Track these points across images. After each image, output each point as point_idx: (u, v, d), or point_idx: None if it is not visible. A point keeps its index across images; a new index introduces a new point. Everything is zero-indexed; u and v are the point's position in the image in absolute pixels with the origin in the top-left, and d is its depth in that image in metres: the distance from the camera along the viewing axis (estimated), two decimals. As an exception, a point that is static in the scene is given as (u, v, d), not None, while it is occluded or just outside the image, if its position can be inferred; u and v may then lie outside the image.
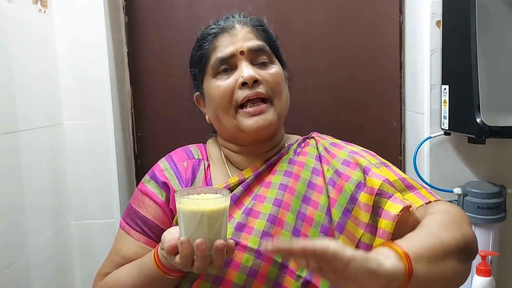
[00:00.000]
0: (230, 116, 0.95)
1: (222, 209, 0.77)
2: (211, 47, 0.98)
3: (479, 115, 1.20)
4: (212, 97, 0.97)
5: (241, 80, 0.93)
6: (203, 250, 0.74)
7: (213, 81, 0.97)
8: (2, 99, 1.11)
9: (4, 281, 1.07)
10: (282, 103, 0.98)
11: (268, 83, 0.95)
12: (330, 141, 1.03)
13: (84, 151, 1.43)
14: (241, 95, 0.93)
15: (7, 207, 1.11)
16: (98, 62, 1.41)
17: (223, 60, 0.95)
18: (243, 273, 0.86)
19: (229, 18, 1.01)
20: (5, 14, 1.12)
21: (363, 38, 1.60)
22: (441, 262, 0.74)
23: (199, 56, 1.00)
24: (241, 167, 1.01)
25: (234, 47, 0.95)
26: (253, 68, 0.95)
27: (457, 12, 1.29)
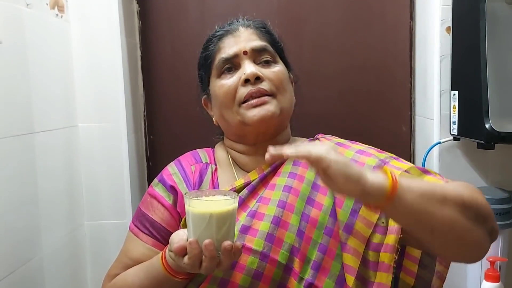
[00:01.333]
0: (233, 112, 0.97)
1: (230, 211, 0.78)
2: (215, 48, 1.01)
3: (488, 121, 1.20)
4: (216, 96, 1.00)
5: (243, 77, 0.95)
6: (211, 251, 0.75)
7: (217, 81, 0.99)
8: (19, 101, 1.14)
9: (19, 278, 1.10)
10: (286, 99, 0.99)
11: (271, 81, 0.97)
12: (335, 141, 1.03)
13: (98, 153, 1.46)
14: (244, 91, 0.95)
15: (22, 206, 1.14)
16: (113, 66, 1.44)
17: (227, 60, 0.98)
18: (248, 275, 0.87)
19: (233, 22, 1.04)
20: (23, 19, 1.16)
21: (373, 44, 1.61)
22: (438, 205, 0.74)
23: (205, 57, 1.04)
24: (247, 168, 1.02)
25: (238, 47, 0.98)
26: (256, 66, 0.97)
27: (466, 18, 1.29)
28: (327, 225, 0.90)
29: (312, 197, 0.93)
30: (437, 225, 0.75)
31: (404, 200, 0.71)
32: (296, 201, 0.92)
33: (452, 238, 0.77)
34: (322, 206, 0.92)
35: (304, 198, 0.93)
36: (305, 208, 0.92)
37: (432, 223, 0.75)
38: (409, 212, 0.74)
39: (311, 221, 0.90)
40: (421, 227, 0.76)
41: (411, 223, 0.77)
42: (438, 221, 0.75)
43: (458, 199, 0.77)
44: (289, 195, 0.93)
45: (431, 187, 0.79)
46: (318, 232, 0.90)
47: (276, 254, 0.88)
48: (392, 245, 0.85)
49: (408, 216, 0.75)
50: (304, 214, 0.91)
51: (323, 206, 0.92)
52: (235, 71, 0.98)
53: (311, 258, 0.88)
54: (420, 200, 0.73)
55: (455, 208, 0.75)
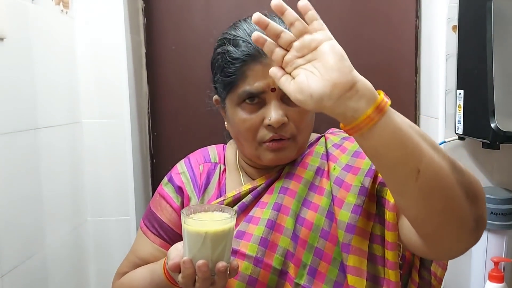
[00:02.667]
0: (252, 147, 0.91)
1: (226, 231, 0.75)
2: (239, 73, 0.87)
3: (493, 120, 1.19)
4: (235, 125, 0.92)
5: (267, 123, 0.87)
6: (205, 272, 0.74)
7: (238, 110, 0.90)
8: (23, 97, 1.14)
9: (22, 273, 1.10)
10: (305, 136, 0.93)
11: (295, 122, 0.89)
12: (342, 136, 0.97)
13: (102, 149, 1.46)
14: (266, 134, 0.88)
15: (26, 201, 1.14)
16: (117, 63, 1.44)
17: (252, 94, 0.87)
18: (243, 281, 0.85)
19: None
20: (28, 15, 1.16)
21: (379, 43, 1.60)
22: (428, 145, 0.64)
23: (225, 80, 0.90)
24: (254, 176, 0.99)
25: (265, 82, 0.85)
26: (282, 107, 0.87)
27: (473, 17, 1.29)
28: (323, 227, 0.86)
29: (309, 198, 0.89)
30: (424, 167, 0.63)
31: (393, 120, 0.63)
32: (292, 202, 0.89)
33: (436, 195, 0.65)
34: (318, 207, 0.88)
35: (300, 200, 0.89)
36: (300, 210, 0.88)
37: (420, 161, 0.63)
38: (396, 138, 0.63)
39: (306, 223, 0.87)
40: (407, 164, 0.64)
41: (396, 155, 0.64)
42: (426, 160, 0.63)
43: (450, 157, 0.67)
44: (285, 196, 0.90)
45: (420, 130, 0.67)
46: (314, 235, 0.86)
47: (270, 259, 0.86)
48: (392, 242, 0.81)
49: (394, 142, 0.63)
50: (299, 217, 0.88)
51: (319, 207, 0.88)
52: (258, 104, 0.88)
53: (307, 263, 0.85)
54: (410, 129, 0.64)
55: (445, 160, 0.66)
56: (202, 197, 0.97)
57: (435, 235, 0.70)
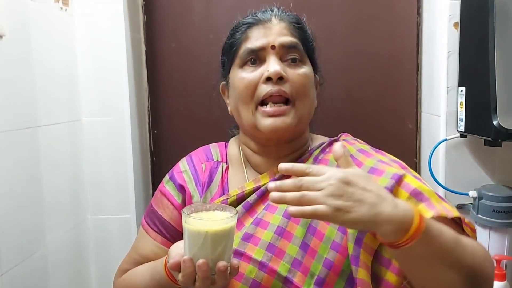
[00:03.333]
0: (249, 111, 0.92)
1: (227, 230, 0.75)
2: (243, 37, 0.94)
3: (495, 118, 1.18)
4: (235, 88, 0.94)
5: (266, 75, 0.89)
6: (205, 271, 0.73)
7: (239, 71, 0.93)
8: (23, 95, 1.13)
9: (23, 271, 1.10)
10: (305, 106, 0.92)
11: (294, 83, 0.90)
12: (358, 147, 0.97)
13: (102, 147, 1.45)
14: (263, 90, 0.89)
15: (26, 200, 1.14)
16: (117, 60, 1.44)
17: (253, 51, 0.92)
18: (245, 284, 0.84)
19: (267, 11, 0.96)
20: (27, 12, 1.15)
21: (380, 40, 1.60)
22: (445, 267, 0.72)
23: (230, 44, 0.97)
24: (259, 169, 0.98)
25: (266, 40, 0.91)
26: (281, 64, 0.90)
27: (475, 14, 1.28)
28: (334, 239, 0.85)
29: None
30: (429, 286, 0.74)
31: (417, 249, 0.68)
32: None
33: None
34: None
35: None
36: (312, 220, 0.87)
37: (426, 283, 0.75)
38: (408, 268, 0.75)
39: (318, 234, 0.86)
40: (415, 280, 0.77)
41: (408, 272, 0.77)
42: (434, 282, 0.73)
43: (470, 263, 0.73)
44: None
45: (450, 243, 0.73)
46: (325, 246, 0.85)
47: (276, 264, 0.85)
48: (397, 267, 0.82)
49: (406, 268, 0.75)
50: (310, 226, 0.87)
51: None
52: (259, 65, 0.92)
53: (315, 272, 0.84)
54: (426, 262, 0.71)
55: (461, 273, 0.73)
56: (204, 195, 0.96)
57: None
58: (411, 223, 0.67)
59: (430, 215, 0.77)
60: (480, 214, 1.33)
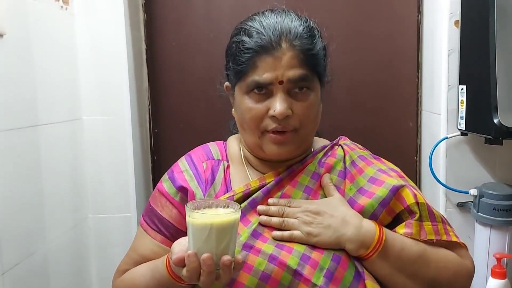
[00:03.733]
0: (255, 135, 0.93)
1: (231, 223, 0.76)
2: (250, 63, 0.89)
3: (496, 116, 1.18)
4: (241, 113, 0.94)
5: (272, 114, 0.89)
6: (209, 266, 0.74)
7: (245, 98, 0.92)
8: (23, 94, 1.13)
9: (23, 271, 1.10)
10: (309, 130, 0.95)
11: (299, 115, 0.90)
12: (359, 153, 1.00)
13: (102, 146, 1.45)
14: (269, 124, 0.90)
15: (27, 199, 1.14)
16: (117, 59, 1.43)
17: (259, 84, 0.89)
18: (255, 276, 0.85)
19: (276, 30, 0.89)
20: (27, 11, 1.15)
21: (380, 38, 1.59)
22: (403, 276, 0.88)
23: (236, 68, 0.92)
24: (261, 169, 0.99)
25: (274, 74, 0.88)
26: (288, 100, 0.89)
27: (476, 12, 1.28)
28: None
29: None
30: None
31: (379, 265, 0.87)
32: None
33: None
34: None
35: None
36: None
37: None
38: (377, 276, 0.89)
39: None
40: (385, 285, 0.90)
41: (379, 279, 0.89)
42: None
43: (433, 276, 0.88)
44: None
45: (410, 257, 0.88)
46: None
47: (285, 258, 0.86)
48: None
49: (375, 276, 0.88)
50: None
51: None
52: (265, 94, 0.90)
53: (324, 266, 0.86)
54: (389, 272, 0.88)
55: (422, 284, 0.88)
56: (208, 193, 0.96)
57: None
58: (371, 241, 0.86)
59: (401, 232, 0.90)
60: (480, 212, 1.34)
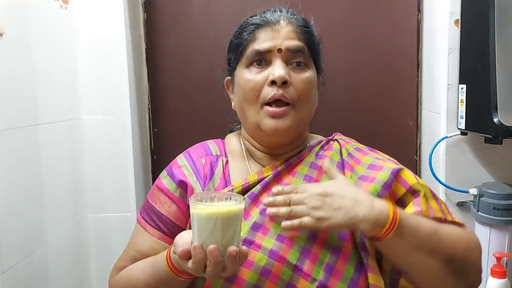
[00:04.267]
0: (254, 110, 0.94)
1: (236, 215, 0.76)
2: (250, 37, 0.96)
3: (496, 115, 1.18)
4: (241, 88, 0.96)
5: (271, 78, 0.92)
6: (216, 256, 0.74)
7: (245, 72, 0.96)
8: (23, 93, 1.13)
9: (23, 270, 1.10)
10: (306, 109, 0.96)
11: (296, 88, 0.93)
12: (354, 146, 1.02)
13: (102, 145, 1.45)
14: (269, 93, 0.92)
15: (27, 198, 1.14)
16: (117, 58, 1.43)
17: (259, 53, 0.94)
18: (256, 271, 0.85)
19: (276, 12, 0.98)
20: (27, 10, 1.15)
21: (380, 37, 1.59)
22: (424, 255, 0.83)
23: (237, 43, 0.99)
24: (262, 163, 1.01)
25: (273, 43, 0.93)
26: (286, 68, 0.93)
27: (476, 11, 1.28)
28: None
29: None
30: (414, 271, 0.86)
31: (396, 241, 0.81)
32: None
33: (425, 281, 0.86)
34: None
35: None
36: None
37: (410, 268, 0.86)
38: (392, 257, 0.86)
39: None
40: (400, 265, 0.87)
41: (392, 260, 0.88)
42: (417, 268, 0.85)
43: (449, 251, 0.85)
44: None
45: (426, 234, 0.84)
46: (332, 236, 0.89)
47: (286, 253, 0.87)
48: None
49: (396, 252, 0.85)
50: None
51: None
52: (264, 66, 0.94)
53: (324, 260, 0.87)
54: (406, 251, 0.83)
55: (440, 260, 0.84)
56: (207, 187, 0.96)
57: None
58: (386, 220, 0.80)
59: (412, 211, 0.89)
60: (480, 211, 1.34)
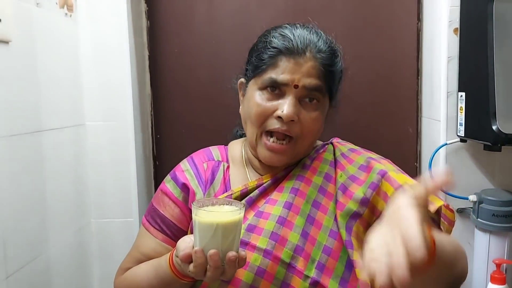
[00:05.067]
0: (255, 133, 0.96)
1: (236, 222, 0.79)
2: (271, 62, 0.93)
3: (495, 123, 1.19)
4: (249, 106, 0.97)
5: (279, 114, 0.91)
6: (216, 261, 0.77)
7: (257, 93, 0.95)
8: (27, 99, 1.15)
9: (27, 275, 1.11)
10: (307, 142, 0.98)
11: (303, 124, 0.94)
12: (348, 147, 1.04)
13: (105, 151, 1.47)
14: (272, 124, 0.93)
15: (30, 203, 1.15)
16: (120, 65, 1.45)
17: (276, 82, 0.93)
18: (251, 272, 0.88)
19: (304, 40, 0.94)
20: (33, 18, 1.17)
21: (381, 45, 1.61)
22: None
23: (256, 64, 0.97)
24: (260, 172, 1.03)
25: (291, 77, 0.91)
26: (297, 106, 0.92)
27: (474, 19, 1.29)
28: (331, 228, 0.92)
29: (318, 200, 0.95)
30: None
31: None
32: (302, 203, 0.94)
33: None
34: (327, 210, 0.93)
35: (310, 201, 0.94)
36: (310, 211, 0.93)
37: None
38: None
39: (316, 223, 0.92)
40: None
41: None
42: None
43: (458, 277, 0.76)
44: (295, 197, 0.94)
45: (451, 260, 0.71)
46: (323, 234, 0.91)
47: (279, 252, 0.89)
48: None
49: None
50: (309, 216, 0.93)
51: (328, 210, 0.94)
52: (277, 95, 0.94)
53: (316, 258, 0.89)
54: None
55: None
56: (207, 192, 0.99)
57: None
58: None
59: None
60: (480, 218, 1.34)
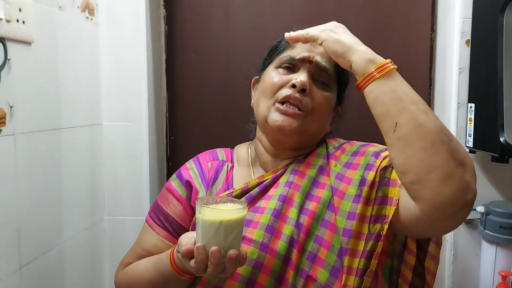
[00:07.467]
0: (267, 104, 0.99)
1: (239, 220, 0.81)
2: (289, 44, 1.01)
3: (503, 134, 1.20)
4: (263, 82, 1.02)
5: (293, 81, 0.96)
6: (217, 258, 0.78)
7: (273, 70, 1.01)
8: (48, 98, 1.20)
9: (40, 266, 1.16)
10: (314, 123, 1.00)
11: (314, 99, 0.98)
12: (341, 142, 1.07)
13: (120, 150, 1.51)
14: (285, 92, 0.96)
15: (47, 198, 1.19)
16: (138, 68, 1.49)
17: (292, 59, 0.99)
18: (249, 265, 0.90)
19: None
20: (55, 20, 1.22)
21: (394, 54, 1.58)
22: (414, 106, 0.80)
23: (275, 46, 1.06)
24: (266, 167, 1.05)
25: (308, 53, 0.99)
26: (310, 79, 0.98)
27: (485, 31, 1.30)
28: (324, 217, 0.92)
29: (312, 192, 0.96)
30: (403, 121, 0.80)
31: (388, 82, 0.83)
32: (296, 195, 0.95)
33: (415, 145, 0.78)
34: (320, 199, 0.94)
35: (304, 193, 0.96)
36: (304, 202, 0.95)
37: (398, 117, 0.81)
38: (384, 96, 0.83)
39: (309, 213, 0.93)
40: (387, 118, 0.83)
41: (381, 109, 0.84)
42: (406, 117, 0.80)
43: (441, 125, 0.81)
44: (289, 189, 0.96)
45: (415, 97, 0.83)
46: (315, 224, 0.92)
47: (275, 245, 0.91)
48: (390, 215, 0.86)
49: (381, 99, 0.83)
50: (303, 208, 0.94)
51: (321, 198, 0.94)
52: (291, 73, 0.99)
53: (307, 248, 0.91)
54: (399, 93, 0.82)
55: (432, 122, 0.80)
56: (210, 190, 1.02)
57: (422, 185, 0.78)
58: (381, 60, 0.87)
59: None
60: (487, 229, 1.34)
